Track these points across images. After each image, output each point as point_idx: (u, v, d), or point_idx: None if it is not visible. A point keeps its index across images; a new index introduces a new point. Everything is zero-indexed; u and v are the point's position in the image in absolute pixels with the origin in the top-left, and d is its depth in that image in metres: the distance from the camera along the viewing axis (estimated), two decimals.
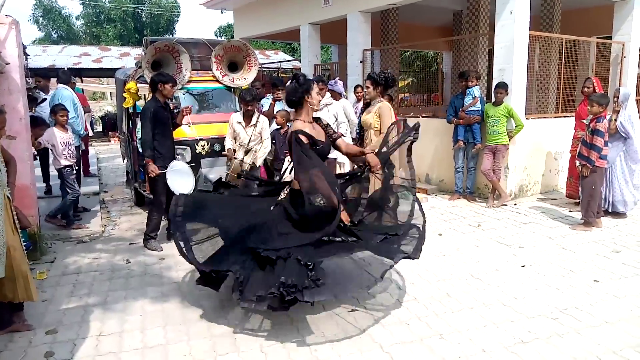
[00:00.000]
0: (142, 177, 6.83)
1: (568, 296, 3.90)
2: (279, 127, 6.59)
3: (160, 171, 5.08)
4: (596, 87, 6.52)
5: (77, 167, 6.03)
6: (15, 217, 3.37)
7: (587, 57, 8.85)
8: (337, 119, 6.27)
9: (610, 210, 6.16)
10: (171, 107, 5.97)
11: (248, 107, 5.59)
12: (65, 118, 5.91)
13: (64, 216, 5.95)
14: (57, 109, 5.89)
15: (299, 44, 12.43)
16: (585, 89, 6.58)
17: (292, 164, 3.68)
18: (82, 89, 16.18)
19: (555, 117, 8.08)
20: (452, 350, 3.12)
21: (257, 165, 5.63)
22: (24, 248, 3.45)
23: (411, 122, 3.93)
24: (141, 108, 5.51)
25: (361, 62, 9.79)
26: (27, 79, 5.89)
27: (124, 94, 6.40)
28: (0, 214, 3.17)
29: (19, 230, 3.39)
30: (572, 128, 6.81)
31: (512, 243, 5.27)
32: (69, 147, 5.83)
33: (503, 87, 6.75)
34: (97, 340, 3.31)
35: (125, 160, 7.59)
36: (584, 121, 5.92)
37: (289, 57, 21.24)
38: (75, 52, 18.31)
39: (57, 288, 4.21)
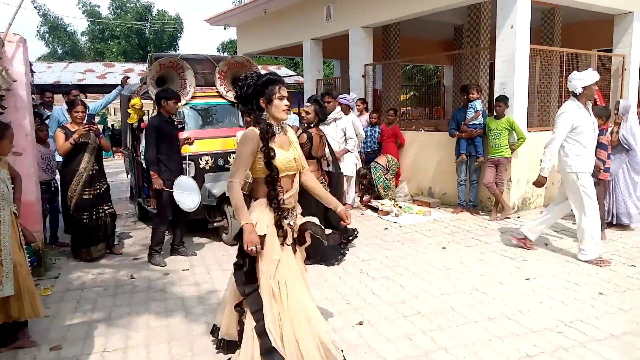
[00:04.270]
0: (145, 192, 6.86)
1: (573, 309, 3.89)
2: None
3: (165, 187, 5.12)
4: (598, 100, 6.55)
5: (56, 184, 5.99)
6: (21, 234, 3.40)
7: None
8: (345, 134, 6.28)
9: (614, 223, 6.15)
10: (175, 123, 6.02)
11: (248, 119, 5.67)
12: (44, 133, 5.84)
13: (51, 234, 5.98)
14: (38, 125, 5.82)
15: (302, 59, 12.54)
16: None
17: None
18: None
19: None
20: None
21: None
22: (29, 264, 3.47)
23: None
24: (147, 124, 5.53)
25: (363, 76, 9.87)
26: (33, 95, 5.93)
27: (129, 110, 6.47)
28: (8, 231, 3.20)
29: (24, 246, 3.42)
30: None
31: (516, 256, 5.26)
32: (49, 162, 5.82)
33: (503, 100, 6.79)
34: (101, 357, 3.30)
35: (129, 176, 7.63)
36: None
37: (291, 72, 21.38)
38: (79, 69, 18.44)
39: (61, 304, 4.22)
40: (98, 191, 5.41)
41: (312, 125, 5.33)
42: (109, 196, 5.66)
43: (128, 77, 7.20)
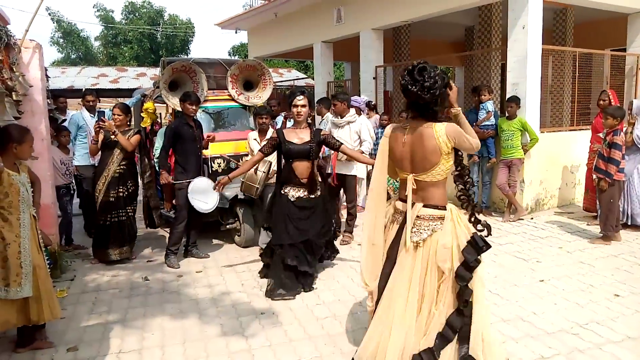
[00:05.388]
0: (159, 195, 6.92)
1: (588, 311, 3.85)
2: None
3: (177, 187, 5.18)
4: (612, 100, 6.49)
5: (74, 187, 6.12)
6: (40, 236, 3.45)
7: (601, 70, 8.81)
8: (360, 137, 6.16)
9: (629, 224, 6.08)
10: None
11: (261, 121, 5.71)
12: (65, 139, 5.95)
13: (67, 236, 6.04)
14: (60, 130, 5.95)
15: (312, 62, 12.58)
16: (601, 102, 6.54)
17: None
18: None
19: (570, 130, 8.04)
20: None
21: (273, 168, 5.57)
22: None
23: None
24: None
25: (374, 78, 9.87)
26: (47, 100, 6.01)
27: (142, 114, 6.54)
28: (27, 234, 3.26)
29: (43, 249, 3.47)
30: (588, 141, 6.77)
31: (530, 258, 5.22)
32: (67, 167, 5.91)
33: (514, 100, 6.76)
34: (117, 358, 3.34)
35: None
36: (600, 134, 5.88)
37: (302, 75, 21.46)
38: (93, 73, 18.70)
39: (77, 306, 4.27)
40: (122, 194, 5.30)
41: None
42: (134, 199, 5.52)
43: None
